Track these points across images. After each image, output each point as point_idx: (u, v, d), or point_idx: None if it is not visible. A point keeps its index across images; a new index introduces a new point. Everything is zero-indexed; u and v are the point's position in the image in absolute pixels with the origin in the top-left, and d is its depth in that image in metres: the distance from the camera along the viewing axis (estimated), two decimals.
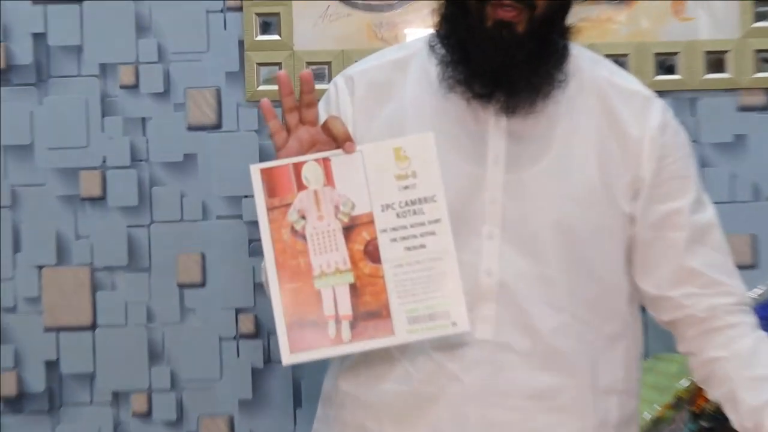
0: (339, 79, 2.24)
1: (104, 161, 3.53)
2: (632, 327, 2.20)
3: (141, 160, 3.53)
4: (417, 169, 1.95)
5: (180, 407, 3.55)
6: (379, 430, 2.12)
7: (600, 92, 2.18)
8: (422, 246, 1.94)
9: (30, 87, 3.52)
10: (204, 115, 3.54)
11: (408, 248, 1.94)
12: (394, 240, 1.94)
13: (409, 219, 1.94)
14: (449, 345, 2.06)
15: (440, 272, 1.94)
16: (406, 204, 1.94)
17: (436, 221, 1.94)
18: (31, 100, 3.52)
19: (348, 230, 1.94)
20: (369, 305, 1.93)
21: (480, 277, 2.09)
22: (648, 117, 2.18)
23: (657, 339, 3.17)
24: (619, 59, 3.40)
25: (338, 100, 2.20)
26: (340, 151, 1.94)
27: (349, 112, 2.19)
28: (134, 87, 3.53)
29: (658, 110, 2.20)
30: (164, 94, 3.54)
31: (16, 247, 3.52)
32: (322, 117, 2.05)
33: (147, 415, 3.53)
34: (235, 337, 3.53)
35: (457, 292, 1.93)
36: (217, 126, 3.54)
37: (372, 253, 1.94)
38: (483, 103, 2.11)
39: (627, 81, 2.24)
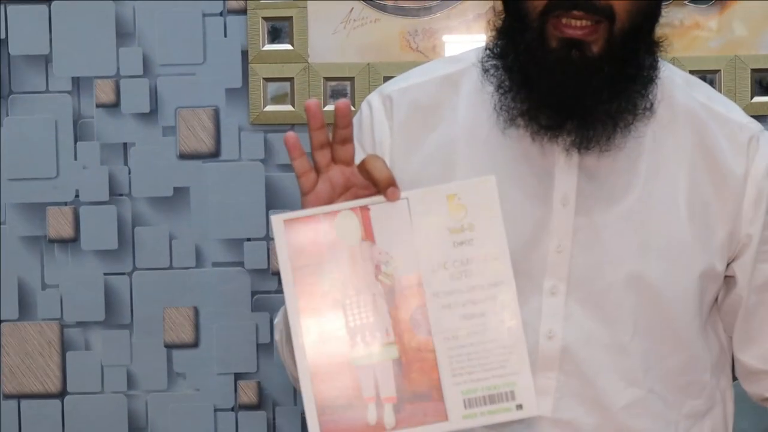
0: (374, 99, 2.09)
1: (77, 195, 3.36)
2: (720, 404, 2.06)
3: (121, 195, 3.37)
4: (475, 221, 1.79)
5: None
6: None
7: (695, 124, 2.03)
8: (482, 314, 1.78)
9: None
10: (199, 141, 3.35)
11: (464, 316, 1.78)
12: (448, 307, 1.79)
13: (466, 281, 1.79)
14: (501, 423, 1.88)
15: (504, 345, 1.79)
16: (462, 263, 1.79)
17: (498, 284, 1.79)
18: None
19: (391, 295, 1.80)
20: (417, 385, 1.79)
21: (539, 341, 1.97)
22: (755, 157, 2.02)
23: (743, 417, 2.93)
24: (707, 76, 3.30)
25: (372, 125, 2.07)
26: (381, 198, 1.78)
27: (386, 141, 2.06)
28: (114, 106, 3.35)
29: (766, 145, 2.05)
30: (151, 114, 3.36)
31: None
32: (365, 144, 2.04)
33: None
34: (233, 408, 3.36)
35: (524, 369, 1.78)
36: (214, 154, 3.36)
37: (420, 322, 1.79)
38: (550, 137, 1.94)
39: (729, 110, 2.07)
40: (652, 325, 1.98)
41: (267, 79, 3.29)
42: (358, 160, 1.91)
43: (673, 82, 2.03)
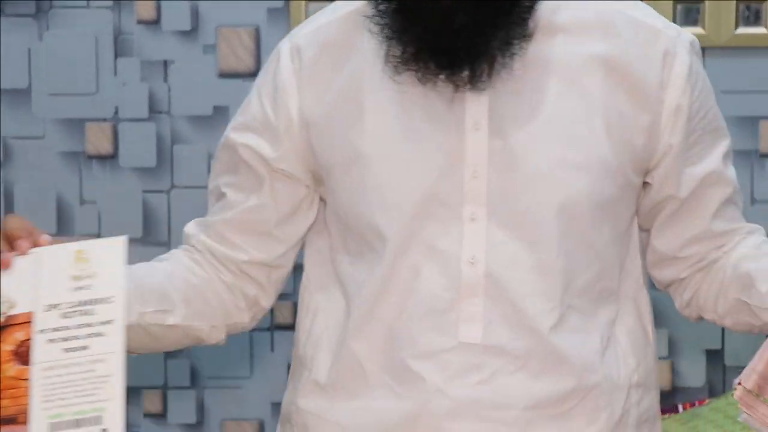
0: (284, 45, 2.07)
1: (116, 112, 3.37)
2: (630, 306, 2.07)
3: (161, 112, 3.38)
4: (98, 270, 1.86)
5: (201, 409, 3.43)
6: None
7: (609, 31, 1.99)
8: (84, 347, 1.83)
9: (27, 18, 3.36)
10: (239, 60, 3.35)
11: (67, 350, 1.83)
12: (52, 341, 1.84)
13: (76, 320, 1.85)
14: (429, 352, 1.93)
15: (101, 375, 1.84)
16: (77, 305, 1.85)
17: (108, 322, 1.85)
18: (29, 35, 3.36)
19: (1, 330, 1.86)
20: (7, 410, 1.84)
21: (462, 268, 1.93)
22: (673, 65, 1.97)
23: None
24: (753, 6, 3.33)
25: (275, 72, 2.04)
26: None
27: (290, 87, 2.02)
28: (155, 23, 3.36)
29: (686, 55, 1.99)
30: (191, 32, 3.37)
31: (8, 211, 3.40)
32: (263, 90, 2.03)
33: (161, 417, 3.44)
34: (268, 328, 3.37)
35: (117, 396, 1.84)
36: (254, 73, 3.08)
37: (22, 354, 1.84)
38: (453, 77, 1.91)
39: (644, 15, 2.04)
40: (572, 242, 1.97)
41: None
42: (256, 104, 2.04)
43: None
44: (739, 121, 3.30)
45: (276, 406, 3.06)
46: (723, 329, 3.27)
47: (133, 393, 3.15)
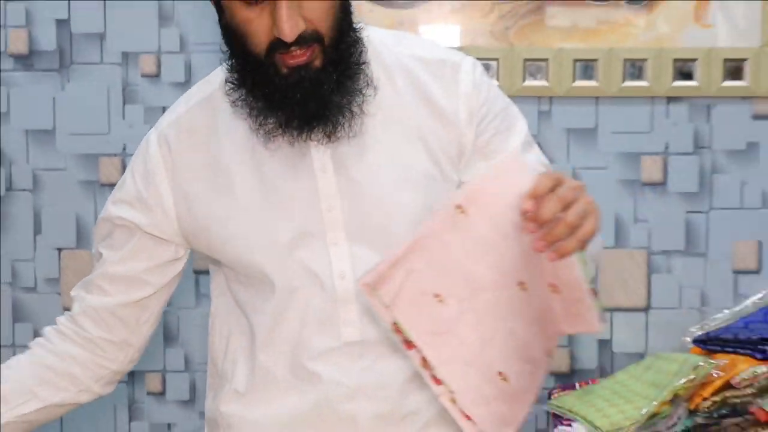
0: (152, 135, 2.19)
1: (124, 149, 3.51)
2: None
3: None
4: None
5: (193, 389, 3.55)
6: None
7: (408, 74, 2.15)
8: None
9: (53, 72, 3.50)
10: None
11: None
12: None
13: None
14: (322, 353, 2.10)
15: None
16: None
17: None
18: (54, 86, 3.50)
19: None
20: None
21: (335, 283, 2.09)
22: (458, 84, 2.15)
23: (658, 338, 3.44)
24: (637, 64, 3.46)
25: (146, 160, 2.17)
26: None
27: (159, 170, 2.15)
28: (155, 76, 3.51)
29: (468, 73, 2.16)
30: (185, 84, 3.45)
31: (37, 230, 3.53)
32: (136, 172, 2.16)
33: (161, 395, 3.56)
34: None
35: None
36: None
37: None
38: (305, 138, 2.05)
39: (431, 51, 2.20)
40: None
41: None
42: (130, 183, 2.16)
43: (383, 44, 2.14)
44: (625, 156, 3.45)
45: None
46: (612, 324, 3.47)
47: (137, 375, 3.43)
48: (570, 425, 3.04)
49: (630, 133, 3.50)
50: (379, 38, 2.15)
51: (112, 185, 3.07)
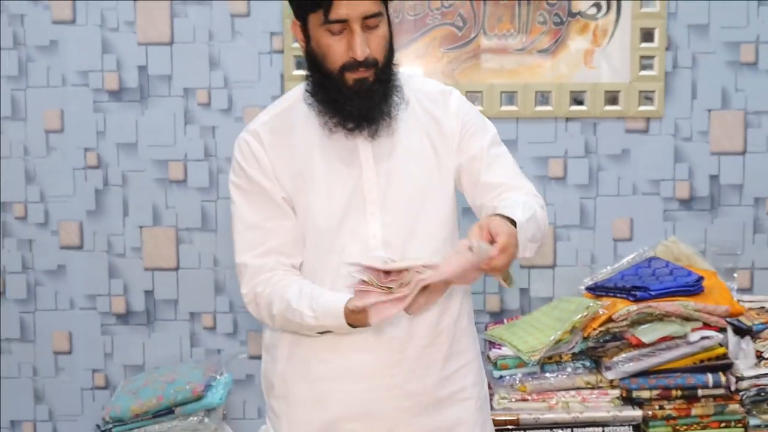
0: (246, 136, 2.17)
1: (185, 156, 3.47)
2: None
3: (211, 156, 3.46)
4: None
5: (235, 323, 3.47)
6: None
7: (419, 103, 2.20)
8: None
9: (135, 103, 3.45)
10: None
11: None
12: None
13: None
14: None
15: None
16: None
17: None
18: (136, 112, 3.45)
19: None
20: None
21: (369, 240, 2.10)
22: (449, 106, 2.20)
23: (561, 287, 3.40)
24: (545, 94, 3.43)
25: (253, 154, 2.14)
26: None
27: (264, 157, 2.14)
28: (207, 105, 3.45)
29: (455, 99, 2.22)
30: (228, 110, 3.45)
31: (125, 213, 3.47)
32: (249, 171, 2.12)
33: (232, 335, 3.47)
34: None
35: None
36: None
37: None
38: (355, 134, 2.11)
39: (429, 85, 2.26)
40: (427, 216, 2.14)
41: None
42: (254, 175, 2.11)
43: (403, 79, 2.17)
44: (537, 159, 3.42)
45: None
46: (529, 277, 3.44)
47: (195, 315, 3.39)
48: (500, 348, 3.05)
49: (540, 143, 3.47)
50: (404, 76, 2.20)
51: (177, 181, 3.44)
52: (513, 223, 1.94)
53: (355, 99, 2.07)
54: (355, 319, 1.95)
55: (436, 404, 2.16)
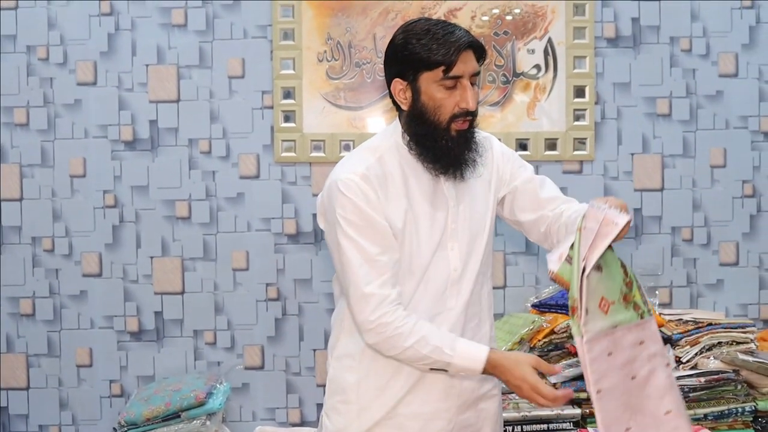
0: (356, 179, 2.03)
1: (190, 196, 3.44)
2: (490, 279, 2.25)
3: (212, 196, 3.44)
4: None
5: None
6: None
7: (490, 156, 2.19)
8: None
9: (147, 151, 3.43)
10: (249, 170, 3.42)
11: None
12: None
13: None
14: (437, 315, 2.06)
15: None
16: None
17: None
18: (147, 160, 3.43)
19: None
20: None
21: (450, 273, 2.07)
22: (494, 149, 2.20)
23: (511, 304, 3.38)
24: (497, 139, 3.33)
25: (369, 195, 2.02)
26: None
27: (374, 197, 2.02)
28: (208, 153, 3.44)
29: (496, 143, 2.23)
30: (226, 157, 3.44)
31: (138, 245, 3.44)
32: (365, 208, 2.01)
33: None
34: None
35: None
36: (256, 176, 3.43)
37: None
38: (447, 177, 2.08)
39: (493, 141, 2.24)
40: (480, 241, 2.12)
41: (283, 140, 3.30)
42: (370, 213, 2.00)
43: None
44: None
45: None
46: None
47: (198, 333, 3.31)
48: None
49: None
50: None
51: (183, 218, 3.42)
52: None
53: (456, 148, 2.04)
54: (493, 369, 1.96)
55: (477, 400, 2.14)
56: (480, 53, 2.05)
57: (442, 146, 2.03)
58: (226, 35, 3.39)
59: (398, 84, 2.06)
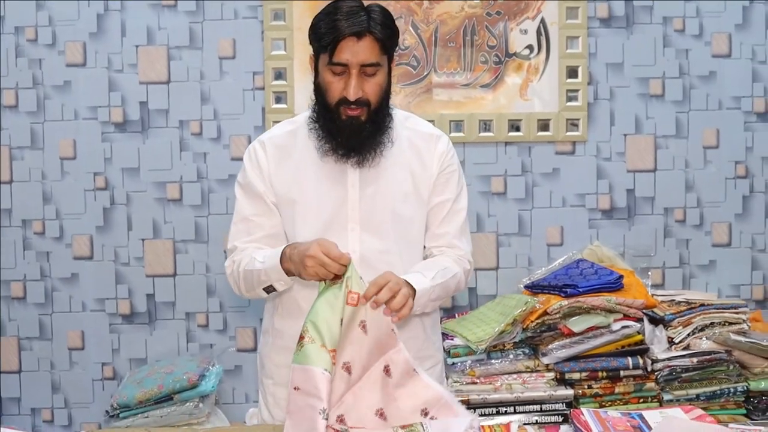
0: (256, 144, 2.19)
1: (181, 178, 3.42)
2: None
3: (203, 178, 3.42)
4: None
5: (225, 322, 3.41)
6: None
7: (408, 138, 2.18)
8: None
9: (138, 133, 3.40)
10: (240, 152, 3.34)
11: None
12: None
13: None
14: None
15: None
16: None
17: None
18: (138, 141, 3.40)
19: None
20: None
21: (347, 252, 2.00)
22: (437, 148, 2.19)
23: (504, 286, 3.38)
24: (487, 122, 3.39)
25: (257, 160, 2.15)
26: None
27: (265, 166, 2.14)
28: (199, 134, 3.41)
29: (443, 143, 2.20)
30: (217, 139, 3.41)
31: (129, 228, 3.41)
32: (249, 172, 2.14)
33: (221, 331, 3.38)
34: None
35: None
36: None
37: None
38: (345, 160, 2.11)
39: (422, 126, 2.24)
40: (403, 238, 2.14)
41: (274, 121, 3.10)
42: (251, 176, 2.11)
43: (400, 120, 2.18)
44: (482, 177, 3.38)
45: None
46: (476, 277, 3.40)
47: (190, 315, 3.28)
48: (452, 339, 3.00)
49: (484, 164, 3.44)
50: (400, 116, 2.21)
51: (174, 200, 3.38)
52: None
53: (346, 132, 2.05)
54: (291, 249, 1.98)
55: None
56: (381, 43, 2.03)
57: (331, 128, 2.07)
58: (216, 16, 3.36)
59: (311, 58, 2.13)
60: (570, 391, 2.88)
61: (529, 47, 3.39)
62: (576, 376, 2.90)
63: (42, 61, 3.34)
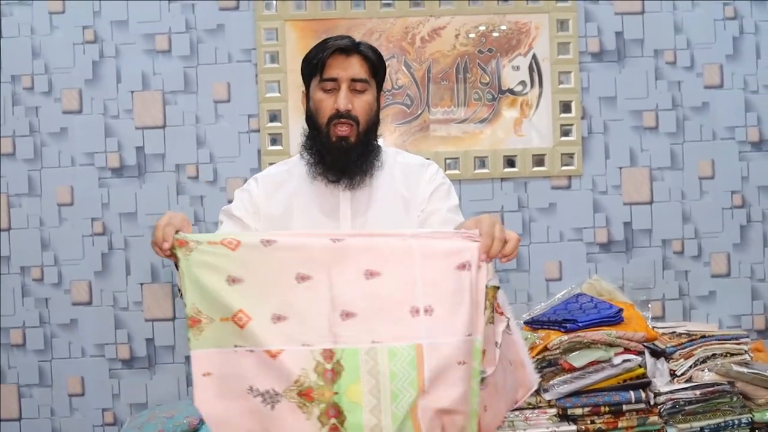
0: (252, 181, 2.22)
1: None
2: None
3: (200, 221, 3.41)
4: None
5: None
6: None
7: (400, 169, 2.20)
8: None
9: (134, 178, 3.40)
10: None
11: None
12: None
13: None
14: None
15: None
16: None
17: None
18: (135, 186, 3.40)
19: None
20: None
21: None
22: (423, 175, 2.19)
23: None
24: (483, 159, 3.40)
25: (252, 193, 2.17)
26: None
27: (259, 201, 2.16)
28: (196, 178, 3.42)
29: (430, 170, 2.20)
30: (213, 182, 3.42)
31: (128, 272, 3.40)
32: (237, 201, 2.15)
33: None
34: None
35: None
36: None
37: None
38: (335, 184, 2.11)
39: (412, 160, 2.24)
40: None
41: (270, 163, 3.10)
42: (242, 200, 2.13)
43: (391, 155, 2.21)
44: (478, 215, 3.49)
45: None
46: None
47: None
48: None
49: (480, 200, 3.44)
50: (390, 151, 2.23)
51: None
52: None
53: (335, 153, 2.07)
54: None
55: None
56: (370, 62, 2.10)
57: (322, 150, 2.09)
58: (210, 60, 3.38)
59: (303, 95, 2.18)
60: (573, 427, 2.86)
61: (522, 83, 3.41)
62: (578, 411, 2.88)
63: (38, 108, 3.36)
